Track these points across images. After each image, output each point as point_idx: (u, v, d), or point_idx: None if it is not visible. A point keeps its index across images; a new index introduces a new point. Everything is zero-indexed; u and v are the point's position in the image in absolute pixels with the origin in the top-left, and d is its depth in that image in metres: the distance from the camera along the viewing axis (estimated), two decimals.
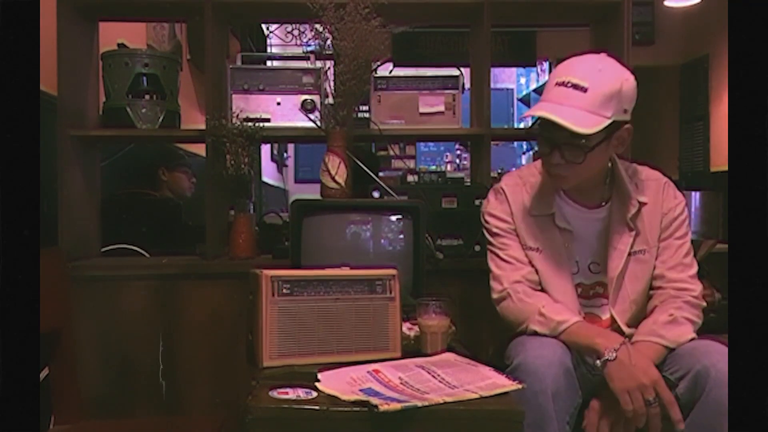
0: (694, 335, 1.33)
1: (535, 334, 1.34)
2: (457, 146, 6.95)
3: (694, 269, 1.43)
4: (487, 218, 1.49)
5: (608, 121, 1.28)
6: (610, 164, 1.44)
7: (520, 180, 1.49)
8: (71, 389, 1.46)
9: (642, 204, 1.42)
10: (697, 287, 1.40)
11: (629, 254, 1.41)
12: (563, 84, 1.30)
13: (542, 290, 1.42)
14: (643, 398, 1.22)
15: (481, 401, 1.04)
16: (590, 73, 1.29)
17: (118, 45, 2.05)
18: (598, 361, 1.26)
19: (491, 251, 1.49)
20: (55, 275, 1.45)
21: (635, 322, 1.41)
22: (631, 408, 1.22)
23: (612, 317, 1.42)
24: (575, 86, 1.28)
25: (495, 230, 1.48)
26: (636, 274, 1.42)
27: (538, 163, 1.48)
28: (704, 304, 1.40)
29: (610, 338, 1.29)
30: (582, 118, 1.27)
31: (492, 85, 2.07)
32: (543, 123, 1.32)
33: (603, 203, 1.45)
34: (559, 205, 1.45)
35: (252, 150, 1.91)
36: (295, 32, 1.98)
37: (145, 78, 1.97)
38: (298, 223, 1.59)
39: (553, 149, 1.34)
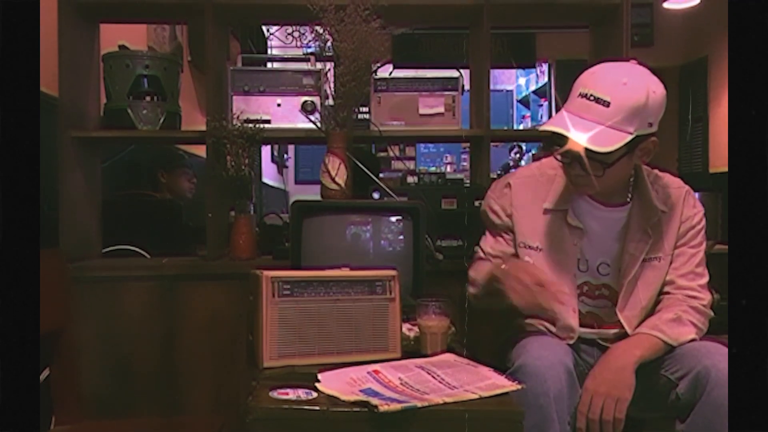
0: (695, 337, 1.33)
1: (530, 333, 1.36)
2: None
3: (705, 279, 1.42)
4: (485, 207, 1.53)
5: (630, 137, 1.25)
6: (633, 169, 1.41)
7: (537, 172, 1.48)
8: (72, 389, 1.47)
9: (662, 212, 1.41)
10: (707, 297, 1.40)
11: (644, 260, 1.40)
12: (586, 96, 1.26)
13: None
14: (601, 409, 1.24)
15: (480, 402, 1.05)
16: (614, 87, 1.25)
17: (119, 46, 2.05)
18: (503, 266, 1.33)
19: (482, 238, 1.54)
20: (55, 276, 1.45)
21: None
22: (586, 411, 1.24)
23: (620, 322, 1.42)
24: (597, 100, 1.24)
25: (488, 222, 1.52)
26: (649, 280, 1.41)
27: None
28: (711, 314, 1.40)
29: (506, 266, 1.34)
30: (602, 135, 1.24)
31: (491, 87, 2.07)
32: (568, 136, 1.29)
33: (622, 204, 1.43)
34: (576, 201, 1.43)
35: (252, 151, 1.91)
36: (296, 34, 1.98)
37: (145, 79, 1.97)
38: (299, 224, 1.59)
39: (574, 160, 1.32)
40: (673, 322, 1.33)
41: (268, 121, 1.99)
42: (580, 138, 1.24)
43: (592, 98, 1.25)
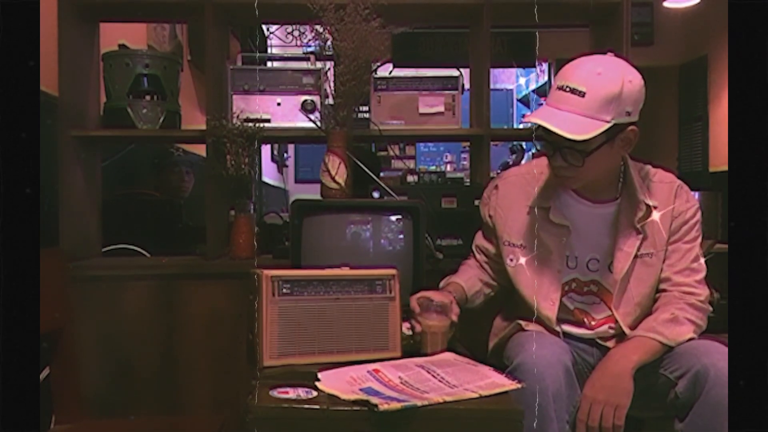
0: (693, 335, 1.33)
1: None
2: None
3: (702, 274, 1.42)
4: (481, 209, 1.58)
5: (606, 126, 1.27)
6: (622, 165, 1.43)
7: (525, 170, 1.53)
8: (72, 389, 1.47)
9: (651, 207, 1.41)
10: (704, 292, 1.40)
11: (635, 257, 1.40)
12: (562, 88, 1.30)
13: (518, 284, 1.46)
14: (600, 415, 1.24)
15: (480, 401, 1.05)
16: (589, 77, 1.28)
17: (119, 45, 2.05)
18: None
19: (474, 236, 1.62)
20: (55, 275, 1.45)
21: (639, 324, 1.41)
22: (585, 419, 1.24)
23: (615, 319, 1.42)
24: (573, 90, 1.28)
25: (482, 221, 1.59)
26: (641, 276, 1.41)
27: None
28: (710, 309, 1.40)
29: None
30: (577, 124, 1.27)
31: (491, 86, 2.08)
32: (544, 126, 1.33)
33: (611, 199, 1.44)
34: (562, 198, 1.45)
35: (252, 150, 1.91)
36: (296, 33, 1.98)
37: (145, 78, 1.97)
38: (299, 223, 1.59)
39: (555, 152, 1.35)
40: (670, 323, 1.33)
41: (268, 120, 1.99)
42: (556, 127, 1.27)
43: (567, 89, 1.29)
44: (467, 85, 2.15)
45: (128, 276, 1.89)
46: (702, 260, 1.43)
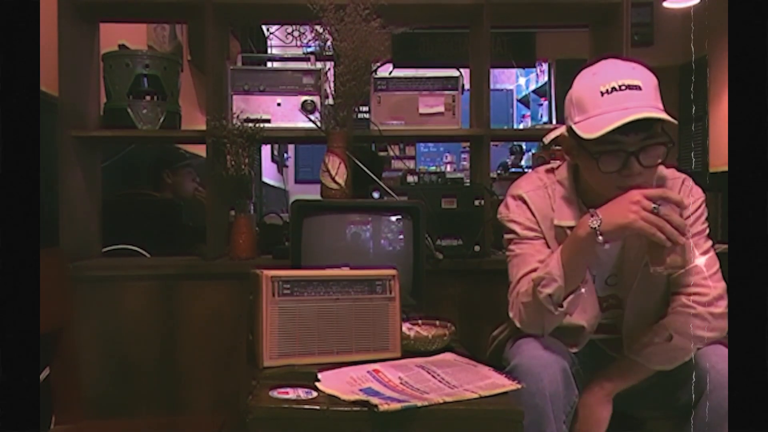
0: (687, 358, 1.26)
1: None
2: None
3: (712, 269, 1.32)
4: (511, 225, 1.39)
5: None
6: None
7: (541, 183, 1.40)
8: (72, 389, 1.47)
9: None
10: (711, 290, 1.29)
11: (646, 264, 1.32)
12: (617, 89, 1.19)
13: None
14: None
15: (480, 401, 1.05)
16: (632, 72, 1.22)
17: (119, 46, 2.06)
18: (599, 238, 1.18)
19: (513, 259, 1.37)
20: (55, 275, 1.45)
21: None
22: None
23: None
24: (629, 86, 1.19)
25: (519, 238, 1.38)
26: (654, 282, 1.34)
27: (560, 170, 1.41)
28: (717, 309, 1.28)
29: (581, 223, 1.22)
30: (657, 113, 1.20)
31: (491, 86, 2.08)
32: (604, 137, 1.18)
33: None
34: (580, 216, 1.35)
35: (252, 151, 1.91)
36: (296, 33, 1.98)
37: (145, 79, 1.97)
38: (299, 223, 1.59)
39: (629, 158, 1.21)
40: (663, 349, 1.27)
41: (268, 121, 1.99)
42: (656, 113, 1.18)
43: (623, 87, 1.19)
44: (467, 86, 2.15)
45: (128, 276, 1.89)
46: (711, 254, 1.35)
